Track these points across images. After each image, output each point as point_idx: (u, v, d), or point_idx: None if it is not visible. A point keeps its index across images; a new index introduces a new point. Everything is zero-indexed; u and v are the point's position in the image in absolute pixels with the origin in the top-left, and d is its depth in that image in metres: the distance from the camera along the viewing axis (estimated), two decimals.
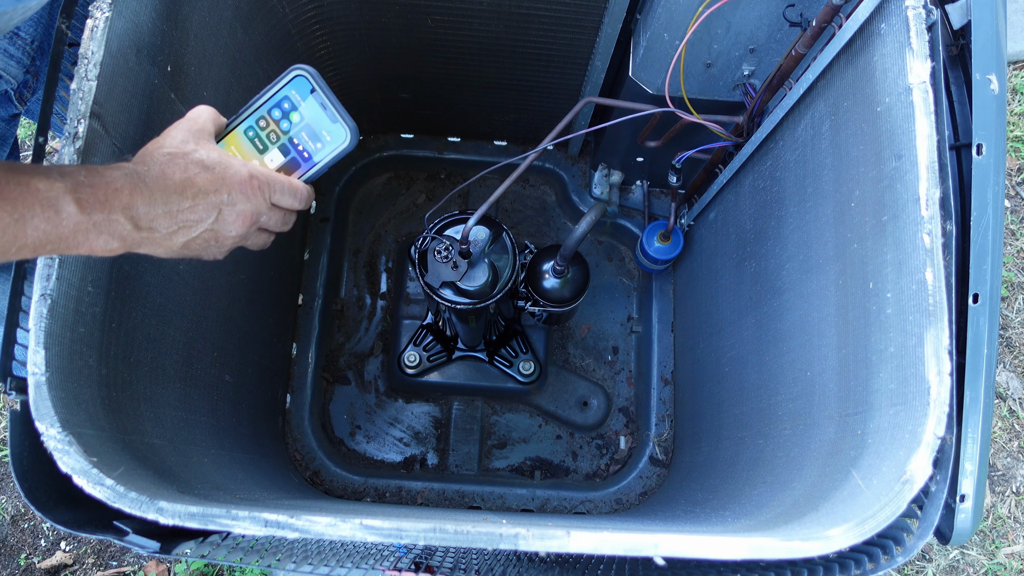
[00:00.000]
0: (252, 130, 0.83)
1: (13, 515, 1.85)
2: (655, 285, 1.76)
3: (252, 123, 0.83)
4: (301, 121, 0.82)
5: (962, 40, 0.90)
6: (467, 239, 1.13)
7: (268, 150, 0.83)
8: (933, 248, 0.76)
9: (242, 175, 0.76)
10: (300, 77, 0.82)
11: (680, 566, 0.95)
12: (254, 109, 0.82)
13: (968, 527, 0.79)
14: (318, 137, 0.83)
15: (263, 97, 0.82)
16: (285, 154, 0.83)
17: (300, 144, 0.83)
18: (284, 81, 0.82)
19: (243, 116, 0.83)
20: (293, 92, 0.82)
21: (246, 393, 1.38)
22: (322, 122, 0.82)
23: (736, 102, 1.31)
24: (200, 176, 0.73)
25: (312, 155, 0.83)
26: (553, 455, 1.72)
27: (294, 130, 0.83)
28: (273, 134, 0.83)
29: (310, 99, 0.82)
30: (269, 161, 0.83)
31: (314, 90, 0.82)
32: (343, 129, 0.83)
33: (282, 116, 0.82)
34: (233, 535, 0.86)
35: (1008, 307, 2.08)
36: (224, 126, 0.82)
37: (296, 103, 0.82)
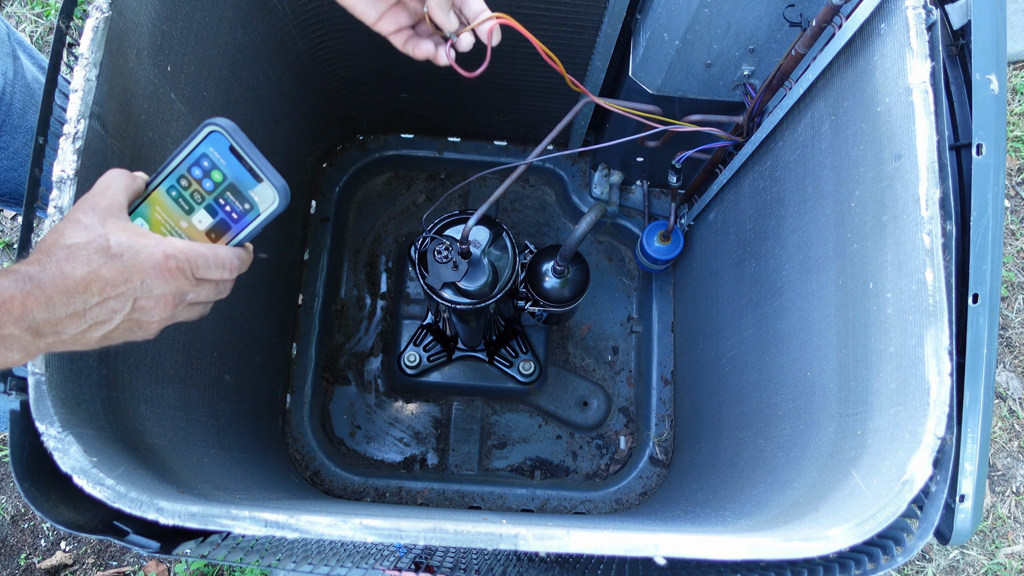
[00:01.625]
0: (175, 189, 0.74)
1: (13, 515, 1.85)
2: (655, 285, 1.76)
3: (173, 182, 0.74)
4: (224, 180, 0.73)
5: (962, 40, 0.90)
6: (467, 239, 1.13)
7: (195, 211, 0.74)
8: (933, 248, 0.76)
9: (156, 258, 0.67)
10: (215, 133, 0.72)
11: (680, 566, 0.95)
12: (174, 167, 0.73)
13: (968, 527, 0.79)
14: (244, 198, 0.74)
15: (180, 154, 0.73)
16: (212, 215, 0.74)
17: (227, 204, 0.74)
18: (198, 138, 0.72)
19: (164, 174, 0.74)
20: (211, 149, 0.72)
21: (246, 393, 1.38)
22: (247, 182, 0.73)
23: (736, 102, 1.31)
24: (106, 268, 0.65)
25: (240, 217, 0.74)
26: (553, 455, 1.72)
27: (218, 190, 0.73)
28: (197, 194, 0.74)
29: (229, 157, 0.72)
30: (197, 223, 0.74)
31: (232, 147, 0.72)
32: (270, 190, 0.73)
33: (203, 175, 0.73)
34: (233, 535, 0.86)
35: (1008, 307, 2.08)
36: (143, 187, 0.74)
37: (215, 161, 0.73)
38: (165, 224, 0.75)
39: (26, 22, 2.22)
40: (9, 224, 2.10)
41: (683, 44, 1.19)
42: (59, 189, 0.77)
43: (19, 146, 1.18)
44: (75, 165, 0.78)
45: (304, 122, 1.56)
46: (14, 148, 1.18)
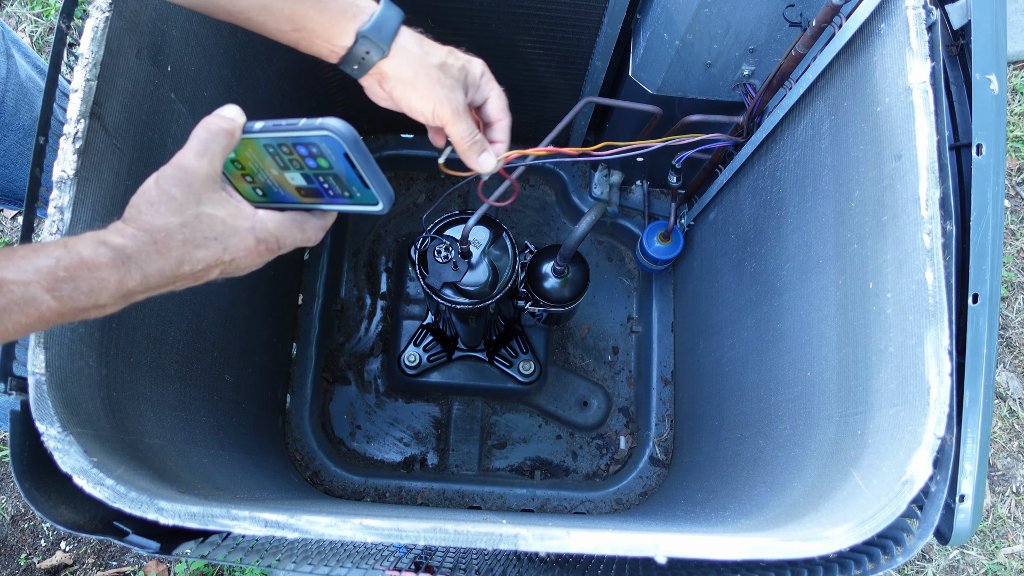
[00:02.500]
0: (273, 149, 0.71)
1: (13, 515, 1.85)
2: (655, 285, 1.76)
3: (274, 145, 0.70)
4: (330, 168, 0.70)
5: (962, 40, 0.90)
6: (467, 239, 1.13)
7: (290, 170, 0.72)
8: (933, 248, 0.76)
9: (247, 243, 0.69)
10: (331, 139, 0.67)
11: (680, 566, 0.95)
12: (277, 135, 0.70)
13: (968, 527, 0.79)
14: (346, 188, 0.71)
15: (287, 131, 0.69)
16: (308, 182, 0.72)
17: (326, 183, 0.72)
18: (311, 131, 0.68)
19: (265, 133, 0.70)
20: (323, 145, 0.68)
21: (246, 393, 1.38)
22: (353, 180, 0.71)
23: (736, 102, 1.31)
24: (200, 251, 0.66)
25: (336, 195, 0.73)
26: (553, 455, 1.72)
27: (321, 171, 0.71)
28: (296, 162, 0.71)
29: (342, 160, 0.69)
30: (290, 179, 0.72)
31: (347, 155, 0.69)
32: (375, 196, 0.71)
33: (307, 156, 0.70)
34: (233, 535, 0.86)
35: (1008, 307, 2.08)
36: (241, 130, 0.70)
37: (326, 154, 0.69)
38: (255, 164, 0.72)
39: (26, 22, 2.22)
40: (9, 224, 2.10)
41: (683, 44, 1.19)
42: (59, 189, 0.77)
43: (10, 144, 1.18)
44: (75, 165, 0.78)
45: None
46: (5, 146, 1.18)
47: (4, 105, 1.14)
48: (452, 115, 0.86)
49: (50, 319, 0.62)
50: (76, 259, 0.62)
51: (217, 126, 0.68)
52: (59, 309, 0.61)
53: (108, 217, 0.85)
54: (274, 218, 0.72)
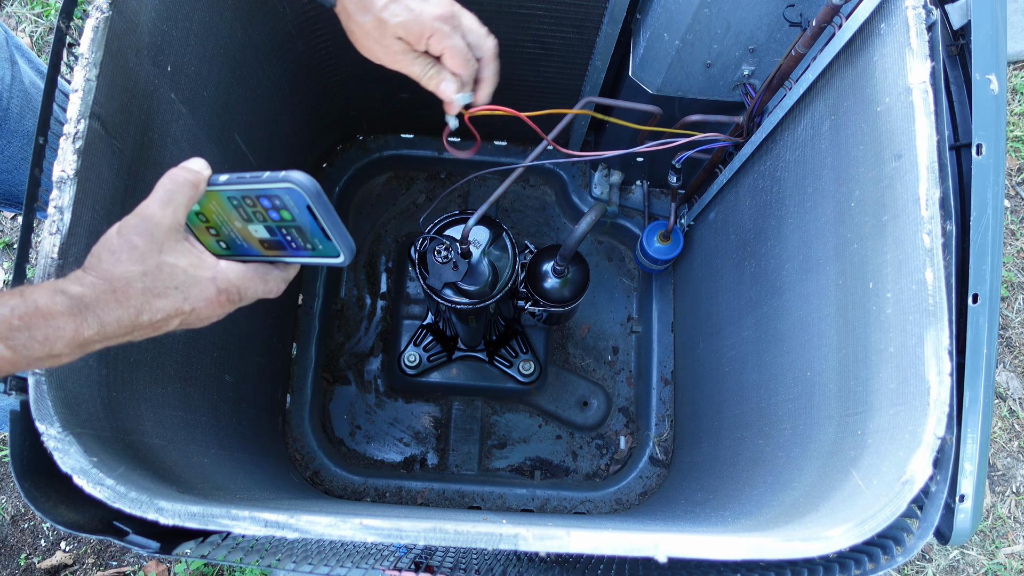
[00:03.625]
0: (236, 201, 0.71)
1: (13, 515, 1.85)
2: (655, 285, 1.76)
3: (238, 197, 0.70)
4: (292, 221, 0.70)
5: (962, 40, 0.90)
6: (467, 239, 1.13)
7: (254, 223, 0.72)
8: (933, 248, 0.76)
9: (208, 293, 0.69)
10: (294, 191, 0.67)
11: (680, 566, 0.95)
12: (240, 187, 0.70)
13: (968, 527, 0.79)
14: (309, 241, 0.71)
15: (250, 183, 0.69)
16: (271, 234, 0.72)
17: (288, 235, 0.72)
18: (275, 183, 0.68)
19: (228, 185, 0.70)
20: (287, 197, 0.68)
21: (246, 393, 1.38)
22: (315, 234, 0.70)
23: (736, 102, 1.31)
24: (160, 301, 0.66)
25: (298, 248, 0.72)
26: (553, 455, 1.72)
27: (283, 224, 0.71)
28: (259, 215, 0.71)
29: (304, 212, 0.69)
30: (254, 231, 0.72)
31: (309, 206, 0.68)
32: (337, 249, 0.71)
33: (271, 208, 0.70)
34: (233, 535, 0.86)
35: (1008, 307, 2.08)
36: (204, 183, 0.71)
37: (289, 207, 0.69)
38: (219, 216, 0.72)
39: (26, 22, 2.22)
40: (9, 224, 2.10)
41: (683, 44, 1.19)
42: (59, 189, 0.77)
43: (14, 150, 1.19)
44: (75, 165, 0.78)
45: (304, 122, 1.56)
46: (9, 152, 1.18)
47: (9, 111, 1.15)
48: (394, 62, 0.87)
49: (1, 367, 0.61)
50: (32, 307, 0.61)
51: (182, 178, 0.69)
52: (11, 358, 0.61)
53: (108, 217, 0.85)
54: (236, 269, 0.72)
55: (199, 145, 1.10)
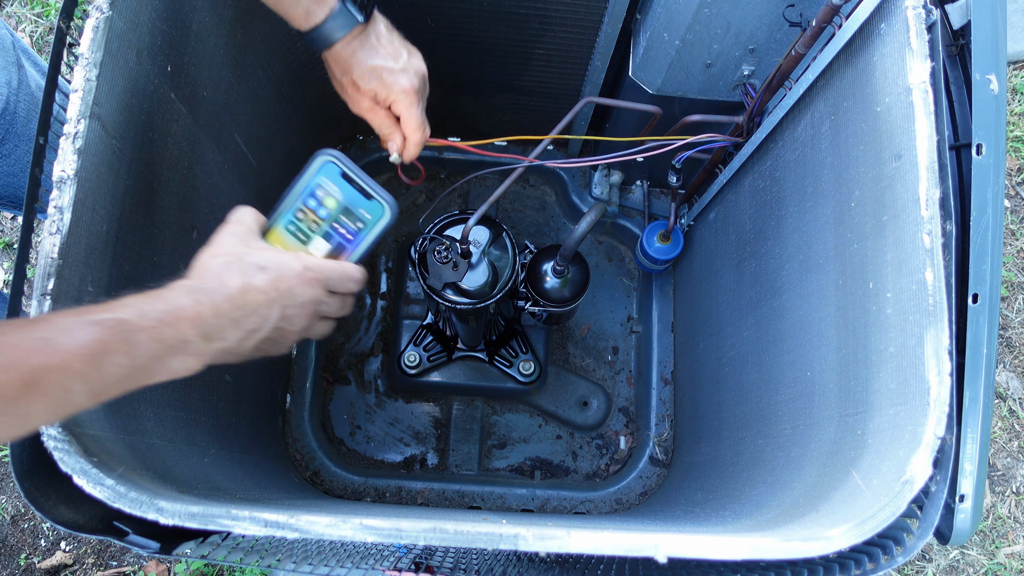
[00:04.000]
0: (292, 224, 0.82)
1: (13, 515, 1.85)
2: (655, 285, 1.76)
3: (290, 217, 0.82)
4: (337, 206, 0.82)
5: (962, 40, 0.90)
6: (467, 239, 1.13)
7: (311, 240, 0.83)
8: (933, 248, 0.76)
9: (296, 269, 0.76)
10: (327, 163, 0.81)
11: (680, 566, 0.95)
12: (288, 203, 0.82)
13: (968, 527, 0.79)
14: (358, 217, 0.83)
15: (294, 189, 0.82)
16: (329, 241, 0.83)
17: (341, 228, 0.83)
18: (311, 170, 0.81)
19: (280, 212, 0.82)
20: (323, 179, 0.81)
21: (246, 393, 1.38)
22: (358, 202, 0.82)
23: (736, 102, 1.31)
24: (257, 278, 0.74)
25: (355, 236, 0.84)
26: (553, 455, 1.72)
27: (332, 216, 0.82)
28: (313, 224, 0.82)
29: (341, 182, 0.82)
30: (315, 250, 0.83)
31: (344, 175, 0.82)
32: (380, 205, 0.83)
33: (317, 204, 0.82)
34: (233, 535, 0.86)
35: (1008, 307, 2.08)
36: (265, 224, 0.81)
37: (328, 189, 0.81)
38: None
39: (26, 22, 2.22)
40: (9, 224, 2.10)
41: (683, 44, 1.19)
42: (59, 189, 0.77)
43: (21, 154, 1.19)
44: (75, 165, 0.78)
45: (304, 122, 1.56)
46: (16, 156, 1.18)
47: (16, 116, 1.15)
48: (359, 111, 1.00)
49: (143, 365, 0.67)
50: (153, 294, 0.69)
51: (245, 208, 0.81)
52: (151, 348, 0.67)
53: (108, 217, 0.85)
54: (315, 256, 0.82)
55: (199, 145, 1.10)
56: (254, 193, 1.34)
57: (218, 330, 0.71)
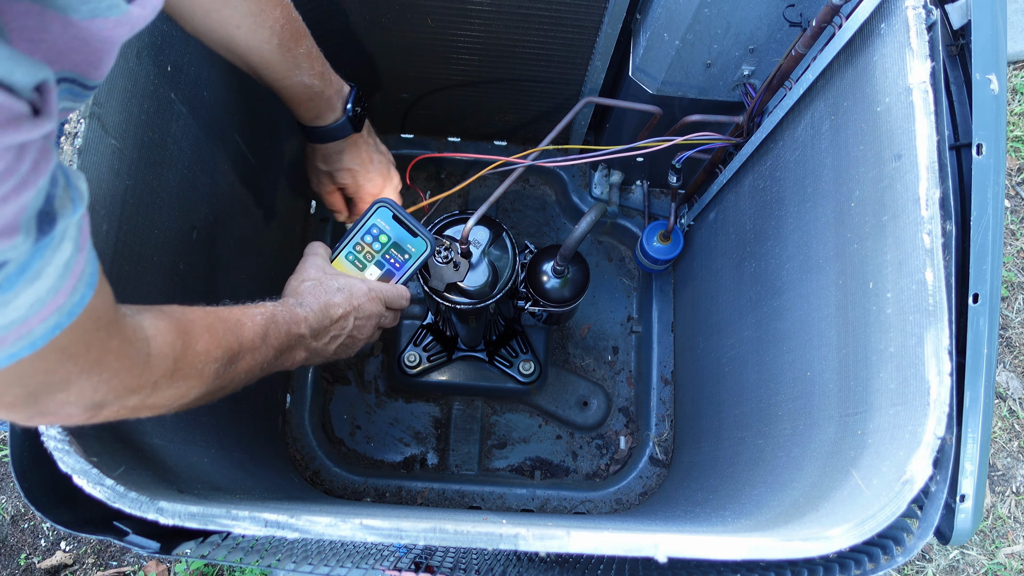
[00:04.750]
0: (351, 255, 1.06)
1: (13, 515, 1.85)
2: (655, 285, 1.76)
3: (351, 249, 1.06)
4: (389, 241, 1.06)
5: (962, 40, 0.90)
6: (467, 239, 1.13)
7: (366, 267, 1.06)
8: (933, 248, 0.76)
9: (363, 290, 0.98)
10: (383, 208, 1.06)
11: (680, 566, 0.95)
12: (350, 238, 1.05)
13: (968, 527, 0.79)
14: (404, 250, 1.06)
15: (356, 229, 1.06)
16: (380, 268, 1.06)
17: (391, 258, 1.06)
18: (371, 213, 1.06)
19: (343, 245, 1.05)
20: (379, 220, 1.06)
21: (246, 393, 1.37)
22: (405, 239, 1.06)
23: (736, 102, 1.31)
24: (337, 296, 0.95)
25: (401, 265, 1.06)
26: (553, 455, 1.72)
27: (384, 249, 1.06)
28: (368, 255, 1.06)
29: (393, 223, 1.06)
30: (369, 275, 1.06)
31: (395, 216, 1.06)
32: (423, 242, 1.07)
33: (373, 240, 1.06)
34: (233, 535, 0.86)
35: (1008, 307, 2.08)
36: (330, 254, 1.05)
37: (383, 228, 1.06)
38: None
39: None
40: None
41: (683, 44, 1.19)
42: None
43: None
44: (75, 165, 0.78)
45: None
46: None
47: None
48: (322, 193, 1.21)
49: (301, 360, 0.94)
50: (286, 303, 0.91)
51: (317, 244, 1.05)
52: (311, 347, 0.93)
53: (108, 217, 0.85)
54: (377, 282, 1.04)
55: (199, 145, 1.10)
56: (253, 193, 1.34)
57: (319, 335, 0.92)
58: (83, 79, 0.49)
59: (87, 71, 0.49)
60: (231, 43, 0.94)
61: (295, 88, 1.02)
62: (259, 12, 0.93)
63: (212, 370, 0.73)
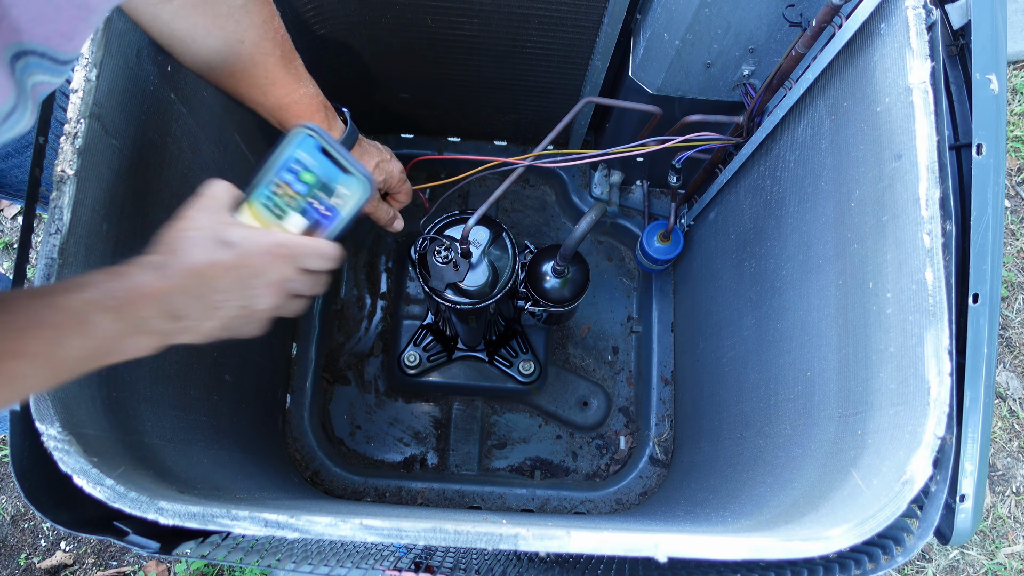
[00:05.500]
0: (268, 198, 0.79)
1: (13, 515, 1.85)
2: (655, 285, 1.76)
3: (266, 190, 0.79)
4: (315, 180, 0.79)
5: (962, 40, 0.90)
6: (467, 239, 1.13)
7: (286, 215, 0.79)
8: (933, 248, 0.76)
9: (264, 245, 0.73)
10: (306, 136, 0.78)
11: (680, 566, 0.95)
12: (264, 176, 0.78)
13: (968, 527, 0.79)
14: (335, 192, 0.79)
15: (271, 162, 0.78)
16: (306, 216, 0.80)
17: (318, 203, 0.79)
18: (289, 143, 0.78)
19: (256, 185, 0.79)
20: (300, 153, 0.78)
21: (246, 393, 1.38)
22: (336, 177, 0.79)
23: (736, 102, 1.31)
24: (223, 254, 0.71)
25: (332, 212, 0.80)
26: (553, 455, 1.72)
27: (309, 191, 0.79)
28: (289, 198, 0.79)
29: (319, 156, 0.78)
30: (291, 226, 0.80)
31: (323, 149, 0.78)
32: (357, 180, 0.79)
33: (294, 179, 0.79)
34: (233, 535, 0.86)
35: (1008, 307, 2.08)
36: (240, 198, 0.78)
37: (306, 163, 0.78)
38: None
39: None
40: (9, 224, 2.10)
41: (683, 44, 1.19)
42: (59, 189, 0.77)
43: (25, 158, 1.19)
44: (75, 165, 0.78)
45: None
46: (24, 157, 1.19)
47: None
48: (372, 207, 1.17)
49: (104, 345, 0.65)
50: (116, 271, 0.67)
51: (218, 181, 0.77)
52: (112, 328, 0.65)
53: (108, 217, 0.85)
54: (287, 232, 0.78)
55: (199, 145, 1.10)
56: None
57: (182, 308, 0.69)
58: (54, 52, 0.48)
59: (59, 43, 0.48)
60: (235, 60, 0.89)
61: (303, 101, 0.96)
62: (261, 24, 0.89)
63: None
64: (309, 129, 0.77)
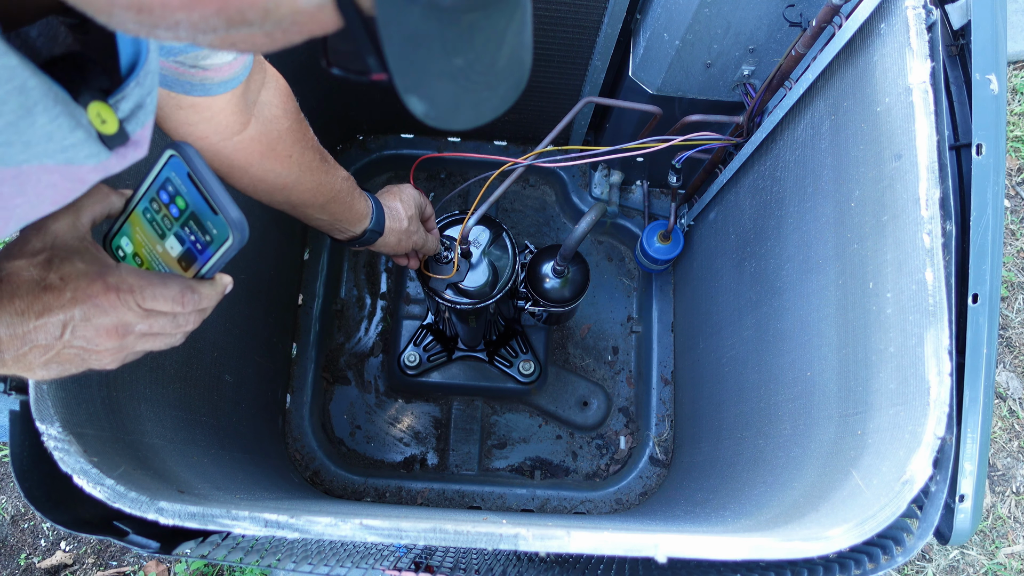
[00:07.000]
0: (148, 212, 0.68)
1: (13, 515, 1.85)
2: (655, 285, 1.76)
3: (147, 204, 0.67)
4: (187, 208, 0.65)
5: (962, 40, 0.90)
6: (467, 239, 1.13)
7: (167, 236, 0.68)
8: (933, 248, 0.76)
9: (95, 288, 0.62)
10: (174, 158, 0.64)
11: (680, 566, 0.95)
12: (144, 189, 0.67)
13: (968, 527, 0.79)
14: (205, 229, 0.66)
15: (148, 175, 0.67)
16: (181, 243, 0.67)
17: (191, 234, 0.66)
18: (160, 162, 0.65)
19: (139, 194, 0.68)
20: (172, 174, 0.65)
21: (246, 393, 1.38)
22: (205, 213, 0.65)
23: (736, 102, 1.31)
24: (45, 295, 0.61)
25: (204, 248, 0.66)
26: (553, 455, 1.72)
27: (182, 218, 0.66)
28: (166, 219, 0.67)
29: (188, 184, 0.65)
30: (170, 248, 0.68)
31: (189, 174, 0.64)
32: (224, 224, 0.64)
33: (169, 200, 0.66)
34: (233, 535, 0.86)
35: (1008, 307, 2.08)
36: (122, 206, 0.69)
37: (178, 187, 0.65)
38: (145, 246, 0.69)
39: None
40: None
41: (683, 44, 1.19)
42: None
43: None
44: None
45: None
46: None
47: None
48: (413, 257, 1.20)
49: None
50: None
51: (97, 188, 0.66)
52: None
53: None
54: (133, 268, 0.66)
55: None
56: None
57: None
58: None
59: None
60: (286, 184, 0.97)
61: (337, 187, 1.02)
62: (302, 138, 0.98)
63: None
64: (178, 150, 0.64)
